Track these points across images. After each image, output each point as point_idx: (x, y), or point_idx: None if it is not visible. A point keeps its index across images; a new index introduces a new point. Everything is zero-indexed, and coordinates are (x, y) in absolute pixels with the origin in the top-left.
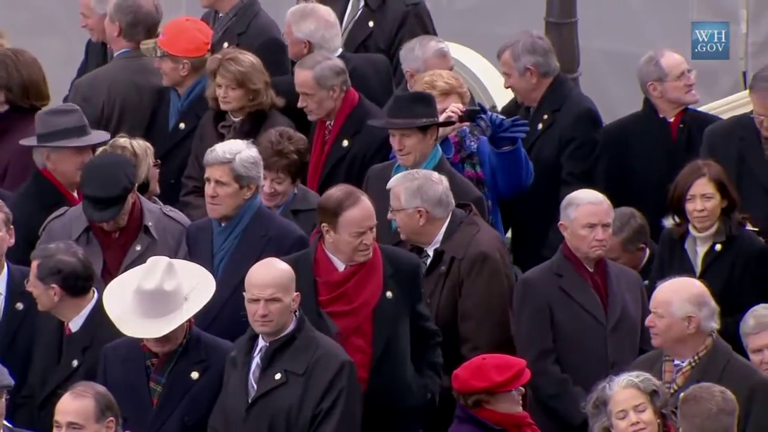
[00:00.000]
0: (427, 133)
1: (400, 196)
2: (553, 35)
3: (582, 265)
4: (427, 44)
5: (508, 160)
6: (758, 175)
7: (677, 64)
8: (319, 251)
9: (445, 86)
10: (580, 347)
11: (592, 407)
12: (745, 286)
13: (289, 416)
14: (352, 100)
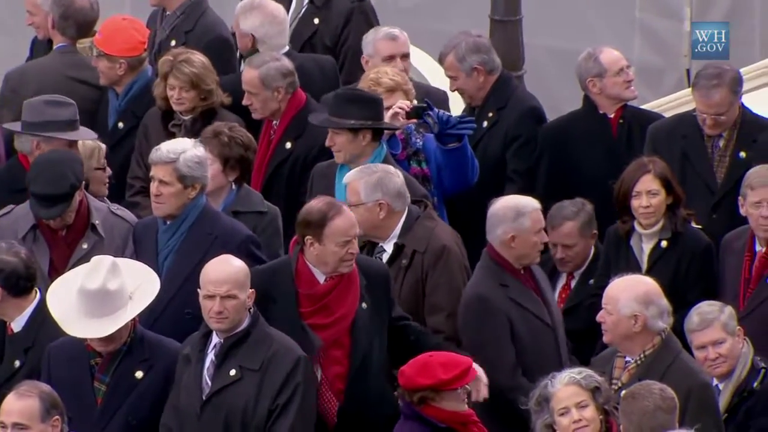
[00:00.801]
0: (359, 134)
1: (359, 191)
2: (498, 33)
3: (516, 271)
4: (379, 29)
5: (455, 158)
6: (701, 173)
7: (616, 60)
8: (301, 262)
9: (390, 83)
10: (539, 354)
11: (535, 404)
12: (690, 283)
13: (244, 412)
14: (299, 101)
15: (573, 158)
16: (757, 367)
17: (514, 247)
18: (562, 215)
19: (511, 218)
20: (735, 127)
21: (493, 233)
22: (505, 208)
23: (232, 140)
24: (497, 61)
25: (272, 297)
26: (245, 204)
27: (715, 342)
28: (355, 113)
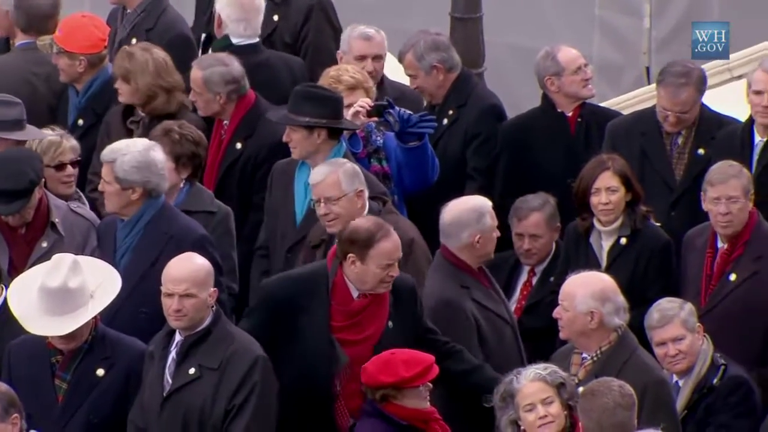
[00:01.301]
0: (314, 132)
1: (341, 182)
2: (458, 30)
3: (473, 271)
4: (356, 27)
5: (415, 156)
6: (660, 170)
7: (574, 58)
8: (339, 276)
9: (351, 81)
10: (503, 352)
11: (500, 400)
12: (649, 280)
13: (202, 411)
14: (248, 102)
15: (531, 156)
16: (716, 363)
17: (479, 247)
18: (528, 207)
19: (475, 220)
20: (694, 124)
21: (457, 237)
22: (467, 212)
23: (182, 137)
24: (456, 58)
25: (304, 306)
26: (195, 203)
27: (674, 338)
28: (311, 111)
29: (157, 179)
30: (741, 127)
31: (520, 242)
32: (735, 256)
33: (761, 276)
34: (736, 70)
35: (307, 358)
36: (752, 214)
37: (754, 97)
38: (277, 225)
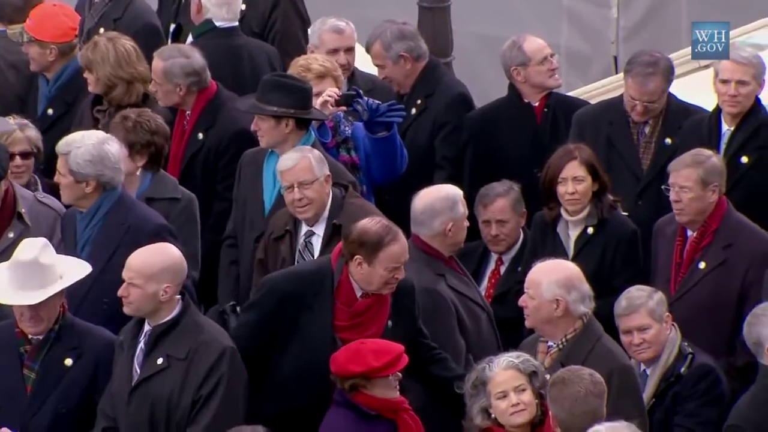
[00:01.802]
0: (282, 122)
1: (312, 167)
2: (426, 20)
3: (446, 258)
4: (326, 20)
5: (383, 146)
6: (626, 159)
7: (540, 48)
8: (344, 276)
9: (321, 69)
10: (480, 339)
11: (471, 388)
12: (616, 269)
13: (169, 402)
14: (209, 93)
15: (498, 146)
16: (684, 352)
17: (451, 235)
18: (494, 193)
19: (448, 208)
20: (661, 113)
21: (429, 226)
22: (440, 200)
23: (137, 125)
24: (424, 47)
25: (308, 303)
26: (159, 191)
27: (640, 327)
28: (280, 100)
29: (111, 173)
30: (708, 117)
31: (488, 229)
32: (704, 244)
33: (730, 264)
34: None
35: (308, 355)
36: (721, 203)
37: (721, 86)
38: (245, 213)
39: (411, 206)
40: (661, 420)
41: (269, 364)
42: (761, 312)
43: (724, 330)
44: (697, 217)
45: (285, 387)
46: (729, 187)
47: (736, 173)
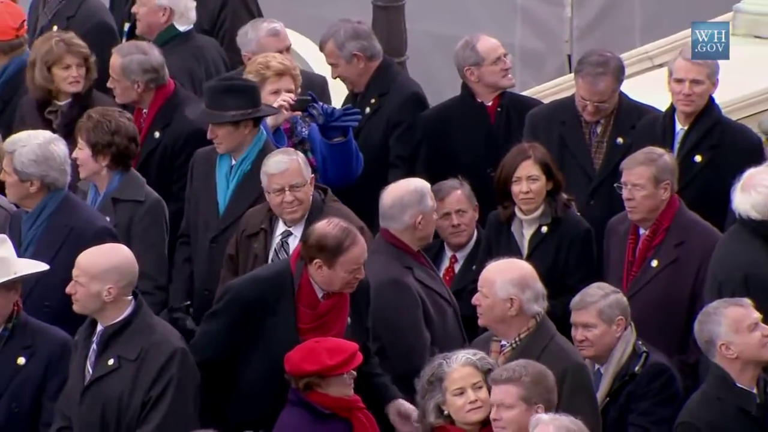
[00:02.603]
0: (240, 125)
1: (302, 169)
2: (381, 18)
3: (414, 252)
4: (259, 26)
5: (339, 152)
6: (579, 159)
7: (493, 48)
8: (305, 278)
9: (280, 67)
10: (446, 333)
11: (426, 383)
12: (570, 268)
13: (120, 402)
14: (167, 92)
15: (451, 146)
16: (638, 351)
17: (420, 228)
18: (448, 186)
19: (417, 201)
20: (613, 113)
21: (399, 219)
22: (409, 193)
23: (98, 125)
24: (377, 47)
25: (271, 308)
26: (125, 192)
27: (585, 324)
28: (234, 104)
29: (56, 173)
30: (662, 116)
31: (448, 221)
32: (657, 242)
33: (682, 262)
34: (656, 59)
35: (273, 360)
36: (673, 201)
37: (675, 85)
38: (198, 214)
39: (380, 201)
40: (615, 419)
41: (235, 370)
42: (712, 310)
43: (676, 328)
44: (649, 215)
45: (252, 393)
46: (682, 186)
47: (689, 172)
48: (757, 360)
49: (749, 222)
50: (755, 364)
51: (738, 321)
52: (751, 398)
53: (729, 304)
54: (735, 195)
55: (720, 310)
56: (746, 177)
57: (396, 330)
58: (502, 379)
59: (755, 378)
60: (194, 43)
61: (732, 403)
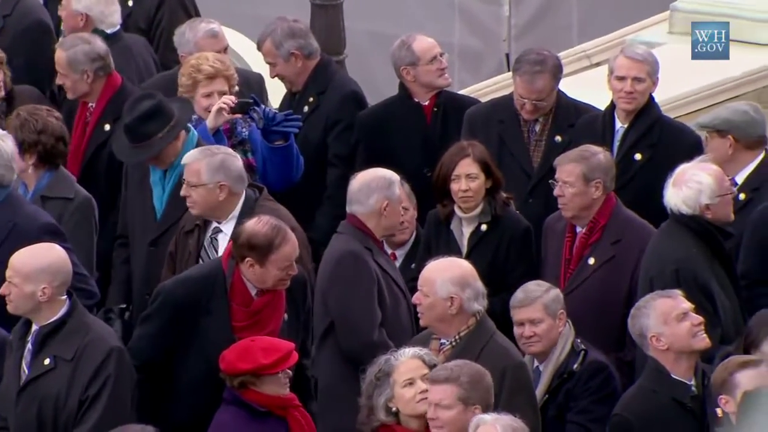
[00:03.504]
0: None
1: (201, 172)
2: (319, 17)
3: (377, 239)
4: (197, 26)
5: (280, 155)
6: (517, 157)
7: (429, 48)
8: (237, 277)
9: (211, 70)
10: (398, 322)
11: (375, 378)
12: (510, 266)
13: (57, 402)
14: (115, 83)
15: (388, 146)
16: (577, 349)
17: (386, 215)
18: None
19: (384, 186)
20: (551, 111)
21: (364, 203)
22: (377, 178)
23: (25, 123)
24: (315, 45)
25: (204, 308)
26: (54, 189)
27: (532, 320)
28: (155, 128)
29: (2, 170)
30: (602, 114)
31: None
32: (593, 240)
33: (619, 260)
34: (594, 58)
35: (209, 359)
36: (609, 199)
37: (617, 83)
38: (134, 218)
39: (348, 187)
40: (554, 416)
41: (172, 371)
42: (643, 304)
43: (613, 325)
44: (580, 212)
45: (189, 392)
46: (622, 184)
47: (629, 170)
48: (688, 350)
49: (680, 217)
50: (688, 354)
51: (666, 312)
52: (686, 389)
53: (658, 296)
54: (667, 190)
55: (649, 302)
56: (678, 172)
57: (349, 302)
58: (441, 379)
59: (691, 369)
60: (122, 44)
61: (667, 394)
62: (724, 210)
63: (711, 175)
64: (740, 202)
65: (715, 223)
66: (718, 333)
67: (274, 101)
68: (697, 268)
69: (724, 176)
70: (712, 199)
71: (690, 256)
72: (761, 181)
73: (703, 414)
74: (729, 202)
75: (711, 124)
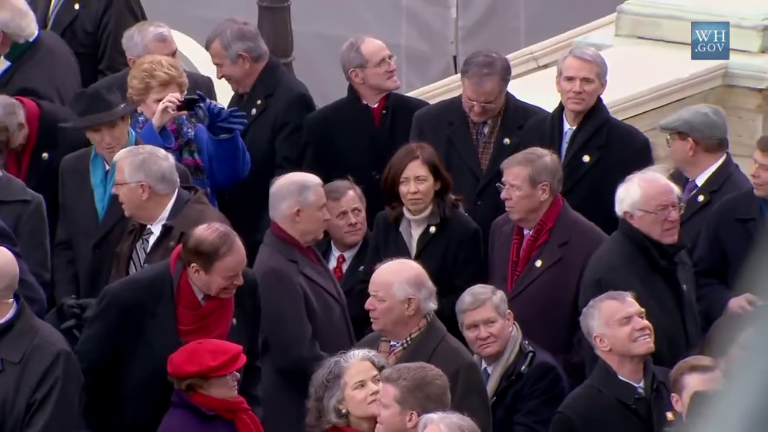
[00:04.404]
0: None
1: (124, 170)
2: (266, 20)
3: (302, 247)
4: (146, 30)
5: (226, 148)
6: (466, 160)
7: (377, 50)
8: (184, 279)
9: (165, 76)
10: (332, 329)
11: (324, 381)
12: (458, 268)
13: (4, 406)
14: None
15: (337, 148)
16: (525, 350)
17: (299, 221)
18: (342, 186)
19: (296, 192)
20: (500, 113)
21: (277, 209)
22: (290, 183)
23: None
24: (264, 48)
25: (150, 310)
26: (7, 193)
27: (486, 321)
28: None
29: None
30: (551, 116)
31: (344, 220)
32: (540, 242)
33: (566, 262)
34: (541, 60)
35: (155, 362)
36: (557, 201)
37: (566, 83)
38: (76, 222)
39: None
40: (502, 418)
41: (119, 374)
42: (592, 304)
43: (560, 327)
44: (528, 215)
45: (136, 396)
46: (571, 186)
47: (577, 172)
48: (628, 353)
49: (621, 224)
50: (630, 357)
51: (609, 314)
52: (632, 391)
53: (607, 297)
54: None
55: (597, 303)
56: (628, 177)
57: (276, 320)
58: (384, 377)
59: (638, 371)
60: (44, 48)
61: (611, 395)
62: (649, 227)
63: (642, 188)
64: (699, 203)
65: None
66: None
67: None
68: (618, 280)
69: (663, 196)
70: (632, 209)
71: (614, 267)
72: (720, 183)
73: (649, 416)
74: (657, 222)
75: (672, 125)
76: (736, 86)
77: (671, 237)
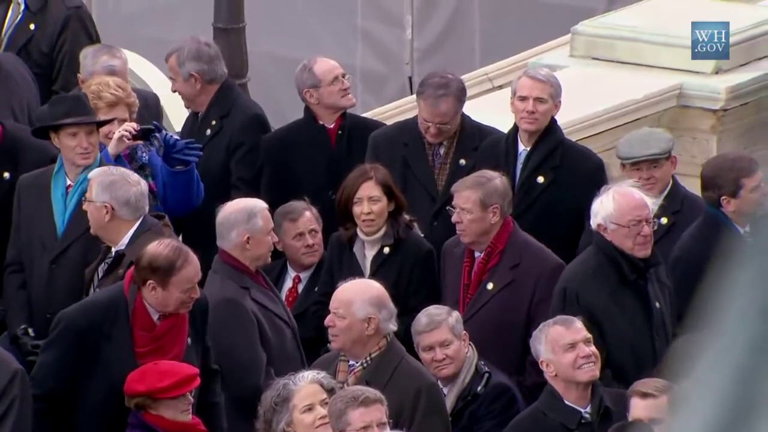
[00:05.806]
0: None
1: (93, 188)
2: (222, 40)
3: (251, 272)
4: (98, 58)
5: (180, 180)
6: (422, 180)
7: (330, 69)
8: (139, 301)
9: (112, 98)
10: (284, 354)
11: (273, 404)
12: (412, 288)
13: None
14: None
15: (293, 169)
16: (481, 371)
17: (249, 248)
18: (299, 207)
19: (244, 220)
20: (455, 135)
21: (227, 238)
22: (237, 212)
23: None
24: (220, 71)
25: (105, 334)
26: None
27: (442, 343)
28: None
29: None
30: (505, 137)
31: (301, 241)
32: (492, 264)
33: (517, 284)
34: (496, 80)
35: (112, 386)
36: (507, 224)
37: (519, 103)
38: (33, 238)
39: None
40: None
41: (76, 398)
42: (541, 328)
43: (513, 349)
44: (479, 238)
45: (92, 420)
46: (525, 207)
47: (532, 193)
48: (573, 380)
49: (594, 235)
50: (575, 383)
51: (555, 340)
52: (576, 415)
53: (554, 323)
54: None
55: (545, 328)
56: (603, 188)
57: (229, 349)
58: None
59: (584, 396)
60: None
61: (556, 419)
62: (621, 241)
63: (617, 201)
64: (663, 226)
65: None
66: (602, 358)
67: (177, 122)
68: (583, 291)
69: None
70: (606, 222)
71: (579, 277)
72: (679, 202)
73: None
74: (630, 236)
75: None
76: (691, 107)
77: (644, 251)
